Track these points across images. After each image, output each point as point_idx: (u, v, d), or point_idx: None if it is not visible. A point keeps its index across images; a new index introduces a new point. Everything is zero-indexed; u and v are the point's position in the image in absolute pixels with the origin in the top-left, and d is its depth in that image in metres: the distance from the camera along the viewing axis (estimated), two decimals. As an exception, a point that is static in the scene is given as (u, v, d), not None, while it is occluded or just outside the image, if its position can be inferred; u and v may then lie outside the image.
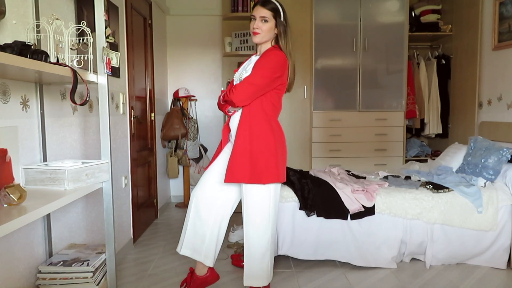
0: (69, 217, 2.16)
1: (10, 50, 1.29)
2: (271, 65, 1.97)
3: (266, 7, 1.98)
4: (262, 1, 2.00)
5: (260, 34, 2.00)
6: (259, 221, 2.05)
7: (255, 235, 2.06)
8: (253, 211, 2.04)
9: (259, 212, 2.04)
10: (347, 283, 2.46)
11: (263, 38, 2.02)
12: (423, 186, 2.80)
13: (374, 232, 2.63)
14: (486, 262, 2.67)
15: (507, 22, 3.26)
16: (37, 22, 1.73)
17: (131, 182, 3.19)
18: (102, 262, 1.95)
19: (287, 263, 2.75)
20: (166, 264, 2.79)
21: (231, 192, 2.18)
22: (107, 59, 1.84)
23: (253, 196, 2.03)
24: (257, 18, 2.00)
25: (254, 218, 2.05)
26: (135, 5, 3.36)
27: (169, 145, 4.38)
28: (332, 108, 4.06)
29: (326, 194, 2.67)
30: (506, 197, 2.67)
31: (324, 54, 4.01)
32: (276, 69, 1.97)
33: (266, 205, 2.05)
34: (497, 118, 3.42)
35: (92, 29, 1.79)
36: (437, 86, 4.25)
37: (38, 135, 1.83)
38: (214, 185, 2.15)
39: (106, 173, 1.82)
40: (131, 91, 3.20)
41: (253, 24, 2.01)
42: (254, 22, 2.01)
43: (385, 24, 4.01)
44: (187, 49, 4.57)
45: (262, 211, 2.05)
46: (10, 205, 1.29)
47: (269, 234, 2.08)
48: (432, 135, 4.37)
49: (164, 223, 3.85)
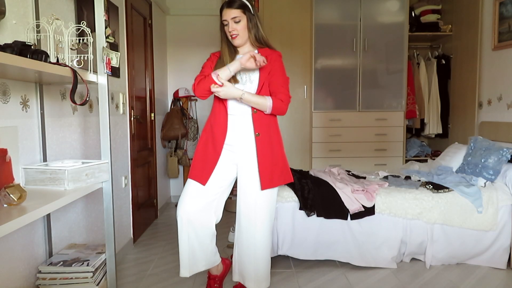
0: (69, 217, 2.16)
1: (10, 50, 1.29)
2: (284, 71, 2.03)
3: (234, 7, 1.92)
4: (227, 3, 1.94)
5: (239, 35, 1.95)
6: (267, 223, 2.04)
7: (263, 238, 2.04)
8: (262, 213, 2.01)
9: (267, 214, 2.03)
10: (347, 283, 2.46)
11: (243, 39, 1.97)
12: (423, 186, 2.80)
13: (374, 232, 2.63)
14: (486, 262, 2.67)
15: (507, 22, 3.26)
16: (37, 22, 1.73)
17: (131, 182, 3.19)
18: (102, 262, 1.95)
19: (287, 263, 2.75)
20: (166, 264, 2.79)
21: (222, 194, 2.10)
22: (107, 59, 1.84)
23: (266, 198, 2.01)
24: (229, 21, 1.93)
25: (263, 220, 2.02)
26: (135, 5, 3.36)
27: (169, 145, 4.38)
28: (332, 108, 4.06)
29: (326, 194, 2.67)
30: (506, 197, 2.67)
31: (324, 54, 4.01)
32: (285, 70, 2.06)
33: (273, 206, 2.08)
34: (497, 118, 3.42)
35: (92, 29, 1.79)
36: (437, 86, 4.25)
37: (38, 135, 1.83)
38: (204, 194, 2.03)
39: (106, 173, 1.82)
40: (131, 91, 3.20)
41: (228, 28, 1.95)
42: (228, 27, 1.95)
43: (385, 24, 4.01)
44: (187, 49, 4.57)
45: (270, 212, 2.05)
46: (10, 205, 1.29)
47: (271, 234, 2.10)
48: (432, 135, 4.37)
49: (164, 223, 3.85)
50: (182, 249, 2.02)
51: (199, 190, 2.00)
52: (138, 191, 3.38)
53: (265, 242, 2.05)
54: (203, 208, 2.00)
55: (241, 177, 2.05)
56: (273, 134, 2.02)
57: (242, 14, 1.93)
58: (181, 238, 2.01)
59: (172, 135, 4.19)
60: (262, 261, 2.06)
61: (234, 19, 1.92)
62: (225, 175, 2.05)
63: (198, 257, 2.03)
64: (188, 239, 2.00)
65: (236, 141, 2.01)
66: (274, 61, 2.00)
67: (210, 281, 2.21)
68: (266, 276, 2.10)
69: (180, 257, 2.03)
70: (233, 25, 1.93)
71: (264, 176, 1.97)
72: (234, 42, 1.98)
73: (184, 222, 1.98)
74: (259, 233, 2.02)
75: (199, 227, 1.99)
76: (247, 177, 2.02)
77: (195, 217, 1.98)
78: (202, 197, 2.00)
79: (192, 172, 2.02)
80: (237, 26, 1.93)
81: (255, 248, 2.04)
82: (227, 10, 1.93)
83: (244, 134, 2.00)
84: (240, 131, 2.00)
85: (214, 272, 2.20)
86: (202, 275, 2.35)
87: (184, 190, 2.03)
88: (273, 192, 2.05)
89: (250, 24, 1.96)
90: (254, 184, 2.00)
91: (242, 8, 1.93)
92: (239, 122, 2.00)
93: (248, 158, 2.01)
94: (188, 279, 2.47)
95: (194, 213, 1.98)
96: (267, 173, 1.97)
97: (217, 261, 2.15)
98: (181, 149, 4.33)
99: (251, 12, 1.96)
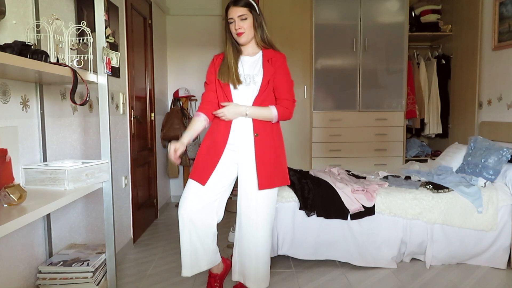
0: (69, 217, 2.16)
1: (10, 50, 1.29)
2: (289, 74, 2.06)
3: (240, 5, 1.93)
4: (234, 1, 1.95)
5: (245, 33, 1.95)
6: (267, 223, 2.04)
7: (264, 238, 2.04)
8: (262, 214, 2.02)
9: (268, 214, 2.04)
10: (347, 283, 2.46)
11: (249, 37, 1.97)
12: (423, 186, 2.80)
13: (374, 232, 2.63)
14: (486, 262, 2.67)
15: (507, 22, 3.26)
16: (37, 22, 1.73)
17: (131, 182, 3.19)
18: (102, 262, 1.95)
19: (287, 263, 2.75)
20: (166, 264, 2.79)
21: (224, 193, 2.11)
22: (107, 59, 1.84)
23: (267, 198, 2.02)
24: (236, 19, 1.94)
25: (263, 221, 2.02)
26: (135, 5, 3.36)
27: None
28: (332, 108, 4.06)
29: (326, 194, 2.67)
30: (506, 197, 2.67)
31: (324, 54, 4.01)
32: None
33: (274, 206, 2.08)
34: (497, 118, 3.42)
35: (92, 29, 1.79)
36: (437, 86, 4.25)
37: (38, 135, 1.83)
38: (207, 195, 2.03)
39: (106, 173, 1.82)
40: (131, 91, 3.20)
41: (234, 26, 1.95)
42: (234, 24, 1.95)
43: (385, 24, 4.01)
44: (187, 49, 4.57)
45: (271, 213, 2.06)
46: (10, 205, 1.29)
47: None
48: (432, 135, 4.37)
49: (164, 223, 3.85)
50: (183, 249, 2.01)
51: (201, 189, 2.00)
52: (138, 191, 3.38)
53: (265, 242, 2.05)
54: (204, 207, 2.00)
55: (241, 177, 2.05)
56: (275, 136, 2.04)
57: (248, 13, 1.94)
58: (183, 238, 2.00)
59: (172, 135, 4.19)
60: (262, 261, 2.07)
61: (241, 17, 1.93)
62: (227, 175, 2.05)
63: (200, 257, 2.03)
64: (190, 239, 1.99)
65: (237, 141, 2.02)
66: (279, 64, 2.02)
67: (211, 279, 2.22)
68: (266, 276, 2.11)
69: (182, 257, 2.03)
70: (240, 22, 1.94)
71: (261, 176, 1.98)
72: (239, 40, 1.98)
73: (185, 221, 1.97)
74: (259, 233, 2.03)
75: (201, 226, 1.99)
76: (247, 177, 2.02)
77: (197, 217, 1.98)
78: (204, 196, 2.00)
79: (192, 172, 2.03)
80: (243, 24, 1.94)
81: (256, 248, 2.04)
82: (233, 8, 1.94)
83: (244, 135, 2.01)
84: (241, 131, 2.01)
85: (215, 271, 2.20)
86: (202, 275, 2.35)
87: (186, 190, 2.03)
88: (273, 193, 2.06)
89: (256, 23, 1.97)
90: (254, 185, 2.00)
91: (248, 6, 1.94)
92: (240, 122, 2.01)
93: (248, 158, 2.02)
94: (188, 279, 2.47)
95: (195, 213, 1.97)
96: (266, 174, 1.98)
97: (218, 260, 2.15)
98: (181, 149, 4.33)
99: (257, 11, 1.97)
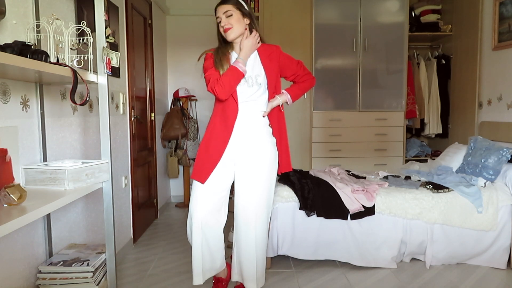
0: (69, 217, 2.16)
1: (10, 50, 1.29)
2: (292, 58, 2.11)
3: (226, 3, 1.96)
4: (221, 1, 1.99)
5: (232, 28, 1.95)
6: (263, 222, 2.03)
7: (261, 238, 2.03)
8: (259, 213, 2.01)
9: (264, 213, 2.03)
10: (347, 283, 2.46)
11: (237, 32, 1.96)
12: (423, 186, 2.80)
13: (374, 232, 2.63)
14: (486, 262, 2.67)
15: (507, 22, 3.26)
16: (37, 22, 1.73)
17: (131, 182, 3.19)
18: (102, 262, 1.95)
19: (287, 263, 2.75)
20: (166, 264, 2.79)
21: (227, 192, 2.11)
22: (107, 59, 1.84)
23: (263, 198, 2.01)
24: (221, 16, 1.95)
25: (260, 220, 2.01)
26: (135, 5, 3.36)
27: (169, 145, 4.38)
28: (332, 108, 4.06)
29: (326, 194, 2.67)
30: (506, 197, 2.67)
31: (324, 54, 4.01)
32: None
33: (270, 205, 2.10)
34: (497, 118, 3.42)
35: (92, 29, 1.79)
36: (437, 86, 4.25)
37: (38, 135, 1.83)
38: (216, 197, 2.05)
39: (106, 173, 1.82)
40: (131, 91, 3.20)
41: (221, 24, 1.97)
42: (221, 23, 1.97)
43: (385, 24, 4.01)
44: (187, 49, 4.57)
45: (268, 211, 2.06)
46: (10, 205, 1.29)
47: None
48: (432, 135, 4.37)
49: (164, 223, 3.85)
50: (196, 254, 1.99)
51: (208, 191, 2.00)
52: (138, 191, 3.38)
53: (262, 242, 2.05)
54: (214, 208, 2.02)
55: (238, 177, 2.05)
56: (281, 126, 2.12)
57: (234, 9, 1.95)
58: (196, 242, 1.99)
59: (172, 135, 4.19)
60: (260, 261, 2.07)
61: (226, 13, 1.95)
62: (228, 175, 2.06)
63: (213, 259, 2.05)
64: (201, 244, 1.99)
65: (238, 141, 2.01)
66: (278, 56, 2.05)
67: (218, 284, 2.20)
68: (263, 275, 2.12)
69: (194, 264, 2.01)
70: (225, 19, 1.95)
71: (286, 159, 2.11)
72: (227, 37, 1.98)
73: (199, 225, 1.97)
74: (257, 232, 2.03)
75: (212, 228, 2.01)
76: (244, 176, 2.02)
77: (209, 219, 1.99)
78: (214, 197, 2.01)
79: (194, 172, 2.03)
80: (229, 20, 1.95)
81: (255, 248, 2.04)
82: (219, 6, 1.98)
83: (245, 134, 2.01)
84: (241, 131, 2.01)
85: (222, 275, 2.20)
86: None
87: (194, 194, 2.02)
88: (270, 192, 2.06)
89: (247, 19, 1.99)
90: (250, 184, 2.00)
91: (234, 4, 1.96)
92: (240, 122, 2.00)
93: (245, 158, 2.02)
94: (188, 280, 2.47)
95: (207, 215, 1.99)
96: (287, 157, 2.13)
97: (224, 264, 2.17)
98: (181, 149, 4.33)
99: (245, 8, 1.99)
